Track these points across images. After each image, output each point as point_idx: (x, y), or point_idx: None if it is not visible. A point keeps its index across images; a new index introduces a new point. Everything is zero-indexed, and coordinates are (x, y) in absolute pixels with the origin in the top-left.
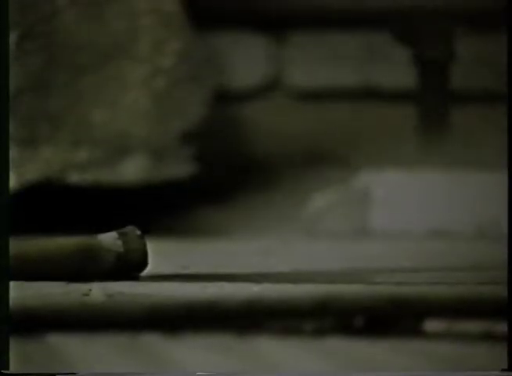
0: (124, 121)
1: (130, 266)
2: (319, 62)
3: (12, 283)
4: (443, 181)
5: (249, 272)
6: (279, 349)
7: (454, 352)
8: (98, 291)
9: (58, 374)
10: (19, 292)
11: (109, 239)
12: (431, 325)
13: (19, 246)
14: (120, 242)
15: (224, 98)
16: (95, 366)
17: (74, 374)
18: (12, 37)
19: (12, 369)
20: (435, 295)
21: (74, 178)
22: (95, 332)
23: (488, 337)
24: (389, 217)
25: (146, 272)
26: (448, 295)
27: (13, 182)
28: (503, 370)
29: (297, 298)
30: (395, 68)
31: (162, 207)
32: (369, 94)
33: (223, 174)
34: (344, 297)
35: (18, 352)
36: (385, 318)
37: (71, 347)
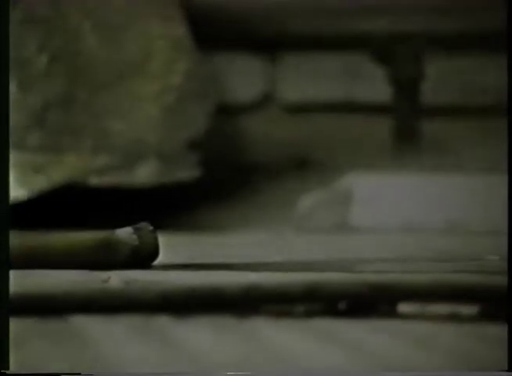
0: (138, 131)
1: (143, 257)
2: (306, 79)
3: (40, 272)
4: (415, 183)
5: (247, 262)
6: (274, 329)
7: (425, 331)
8: (116, 279)
9: (59, 374)
10: (46, 279)
11: (125, 233)
12: (405, 307)
13: (47, 239)
14: (135, 236)
15: (224, 111)
16: (113, 344)
17: (76, 374)
18: (42, 59)
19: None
20: (408, 282)
21: (95, 180)
22: (114, 314)
23: (454, 318)
24: (368, 214)
25: (158, 262)
26: (419, 282)
27: (43, 184)
28: (503, 370)
29: (289, 285)
30: (373, 85)
31: (171, 206)
32: (351, 107)
33: (224, 177)
34: (329, 284)
35: (46, 333)
36: (365, 302)
37: (93, 327)
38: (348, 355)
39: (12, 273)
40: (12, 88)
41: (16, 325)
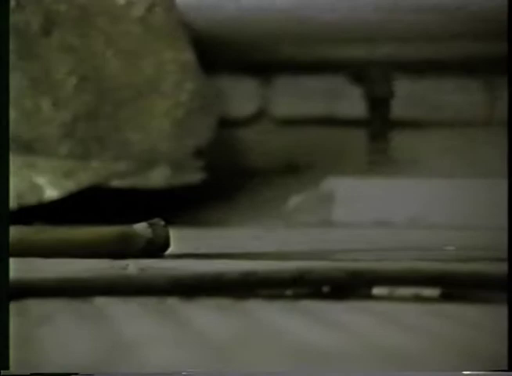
0: (152, 141)
1: (156, 248)
2: (294, 98)
3: (69, 260)
4: (386, 185)
5: (244, 252)
6: (267, 309)
7: (393, 310)
8: (133, 266)
9: (59, 374)
10: (74, 266)
11: (141, 228)
12: (377, 290)
13: (75, 232)
14: (149, 230)
15: (225, 124)
16: (130, 321)
17: (75, 374)
18: (72, 81)
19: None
20: (380, 269)
21: (116, 183)
22: (131, 296)
23: (418, 299)
24: (346, 212)
25: (169, 252)
26: (389, 268)
27: (72, 186)
28: (503, 370)
29: (280, 272)
30: (351, 102)
31: (179, 205)
32: (332, 121)
33: (224, 180)
34: (314, 270)
35: (73, 312)
36: (344, 286)
37: (113, 307)
38: (330, 331)
39: (44, 261)
40: (47, 105)
41: (49, 305)
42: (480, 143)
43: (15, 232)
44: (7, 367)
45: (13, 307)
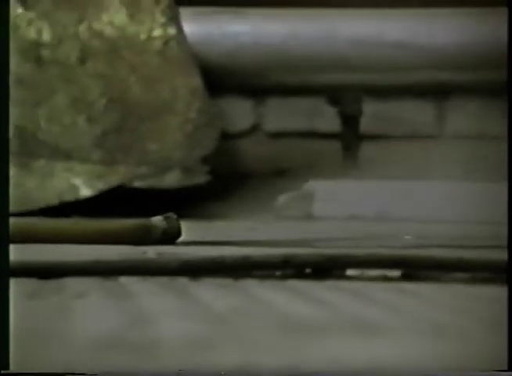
0: (167, 150)
1: (170, 237)
2: (283, 115)
3: (99, 246)
4: (356, 186)
5: (241, 240)
6: (260, 287)
7: (363, 287)
8: (151, 252)
9: (59, 374)
10: (104, 251)
11: (157, 220)
12: (350, 272)
13: (105, 224)
14: (164, 222)
15: (226, 136)
16: (148, 296)
17: (75, 374)
18: (102, 101)
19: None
20: (352, 254)
21: (137, 184)
22: (149, 276)
23: (384, 279)
24: (325, 208)
25: (180, 240)
26: (360, 254)
27: (102, 186)
28: (503, 370)
29: (271, 256)
30: (328, 119)
31: (189, 202)
32: (313, 134)
33: (225, 182)
34: (298, 256)
35: (103, 289)
36: (323, 268)
37: (135, 285)
38: (312, 304)
39: (79, 247)
40: (82, 121)
41: (83, 283)
42: (432, 152)
43: (55, 223)
44: (7, 367)
45: (53, 284)
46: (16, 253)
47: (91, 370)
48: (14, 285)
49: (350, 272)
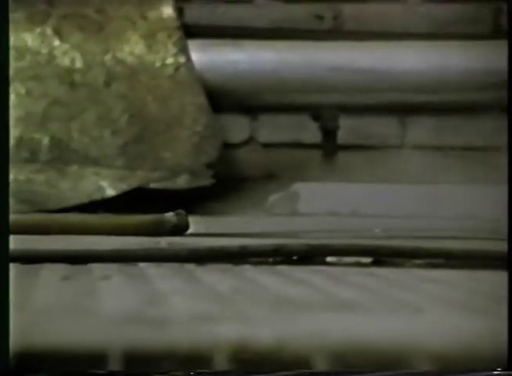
0: (178, 158)
1: (180, 229)
2: (274, 129)
3: (118, 238)
4: (333, 187)
5: (239, 232)
6: (254, 271)
7: (340, 272)
8: (163, 242)
9: (59, 374)
10: (123, 241)
11: (169, 216)
12: (330, 259)
13: (126, 219)
14: (175, 217)
15: (226, 146)
16: (161, 279)
17: (75, 374)
18: (124, 117)
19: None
20: (332, 244)
21: (153, 186)
22: (162, 262)
23: (357, 264)
24: (308, 206)
25: (188, 232)
26: (337, 244)
27: (124, 187)
28: (503, 370)
29: (264, 246)
30: (311, 132)
31: (195, 201)
32: (299, 145)
33: (226, 184)
34: (287, 245)
35: (123, 272)
36: (307, 256)
37: (150, 269)
38: (297, 285)
39: (103, 238)
40: (108, 133)
41: (106, 268)
42: (395, 160)
43: (85, 218)
44: (7, 367)
45: (80, 269)
46: (51, 243)
47: (113, 341)
48: (50, 270)
49: (329, 259)
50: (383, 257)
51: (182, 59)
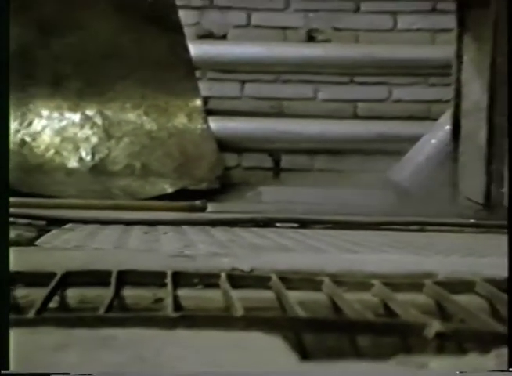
0: (202, 174)
1: (203, 209)
2: (250, 160)
3: (170, 213)
4: (279, 189)
5: (232, 211)
6: (241, 231)
7: (283, 232)
8: (194, 215)
9: (54, 374)
10: (174, 215)
11: (197, 202)
12: (278, 225)
13: (175, 204)
14: (200, 203)
15: (226, 168)
16: (192, 234)
17: (79, 374)
18: (176, 154)
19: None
20: (278, 217)
21: (190, 187)
22: (194, 225)
23: (293, 227)
24: (266, 198)
25: (207, 211)
26: (281, 217)
27: (175, 187)
28: (503, 370)
29: (245, 218)
30: (268, 162)
31: (210, 195)
32: (262, 168)
33: (226, 186)
34: (257, 218)
35: (174, 230)
36: (267, 223)
37: (187, 229)
38: (262, 238)
39: (163, 213)
40: (168, 162)
41: (165, 228)
42: (307, 177)
43: (153, 202)
44: (7, 367)
45: (153, 228)
46: (140, 215)
47: (168, 266)
48: (138, 228)
49: (277, 224)
50: (303, 223)
51: (204, 126)
